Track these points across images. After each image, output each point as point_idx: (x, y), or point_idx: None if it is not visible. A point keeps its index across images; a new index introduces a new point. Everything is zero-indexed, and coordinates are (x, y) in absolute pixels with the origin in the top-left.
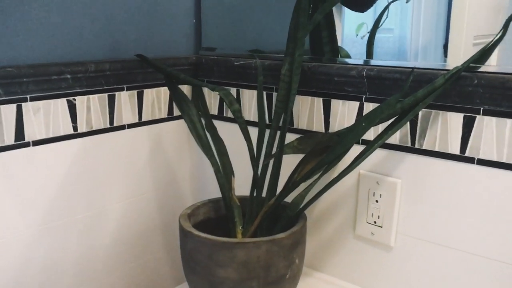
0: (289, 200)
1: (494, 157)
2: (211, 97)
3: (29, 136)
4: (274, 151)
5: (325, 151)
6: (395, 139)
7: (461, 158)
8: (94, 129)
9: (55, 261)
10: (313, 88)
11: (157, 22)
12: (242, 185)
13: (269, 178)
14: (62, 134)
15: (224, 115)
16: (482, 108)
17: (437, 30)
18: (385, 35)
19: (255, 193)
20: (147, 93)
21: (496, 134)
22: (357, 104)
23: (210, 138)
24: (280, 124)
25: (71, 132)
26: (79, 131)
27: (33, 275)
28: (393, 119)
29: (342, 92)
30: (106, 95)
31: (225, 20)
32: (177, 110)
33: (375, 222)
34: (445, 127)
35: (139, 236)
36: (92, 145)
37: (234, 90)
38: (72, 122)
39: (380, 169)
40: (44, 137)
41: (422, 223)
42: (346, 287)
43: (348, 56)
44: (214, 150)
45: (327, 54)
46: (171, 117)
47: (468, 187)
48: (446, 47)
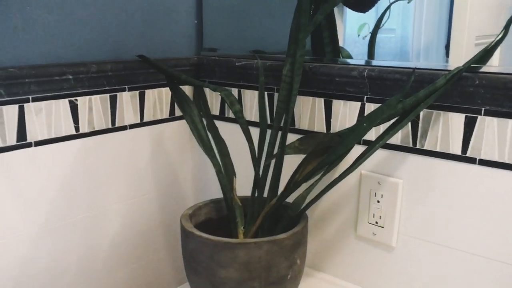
0: (291, 200)
1: (496, 158)
2: (213, 97)
3: (31, 137)
4: (275, 151)
5: (326, 151)
6: (396, 139)
7: (462, 158)
8: (96, 129)
9: (56, 261)
10: (314, 88)
11: (159, 22)
12: (243, 186)
13: (271, 179)
14: (64, 134)
15: (226, 115)
16: (483, 109)
17: (439, 30)
18: (387, 35)
19: (256, 193)
20: (149, 93)
21: (498, 135)
22: (358, 104)
23: (211, 139)
24: (282, 125)
25: (73, 132)
26: (81, 131)
27: (34, 276)
28: (394, 119)
29: (343, 92)
30: (108, 95)
31: (226, 21)
32: (179, 111)
33: (376, 223)
34: (447, 128)
35: (140, 237)
36: (94, 146)
37: (236, 90)
38: (74, 123)
39: (382, 170)
40: (46, 137)
41: (424, 223)
42: (348, 287)
43: (349, 57)
44: (215, 150)
45: (328, 54)
46: (172, 117)
47: (469, 188)
48: (448, 47)
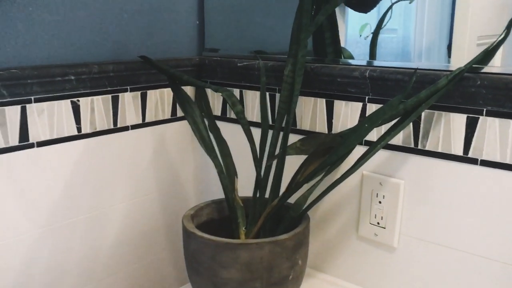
0: (292, 201)
1: (498, 158)
2: (214, 98)
3: (33, 137)
4: (277, 152)
5: (328, 152)
6: (398, 140)
7: (464, 159)
8: (98, 130)
9: (58, 261)
10: (316, 89)
11: (160, 23)
12: (245, 186)
13: (272, 179)
14: (66, 135)
15: (227, 116)
16: (485, 109)
17: (440, 30)
18: (388, 36)
19: (258, 194)
20: (151, 94)
21: (500, 135)
22: (360, 105)
23: (213, 139)
24: (283, 125)
25: (75, 133)
26: (83, 132)
27: (36, 276)
28: (396, 120)
29: (345, 93)
30: (109, 96)
31: (228, 21)
32: (181, 111)
33: (378, 223)
34: (448, 128)
35: (142, 237)
36: (96, 146)
37: (237, 91)
38: (76, 123)
39: (383, 170)
40: (48, 138)
41: (425, 224)
42: None
43: (351, 57)
44: (217, 151)
45: (330, 55)
46: (174, 118)
47: (471, 188)
48: (450, 47)
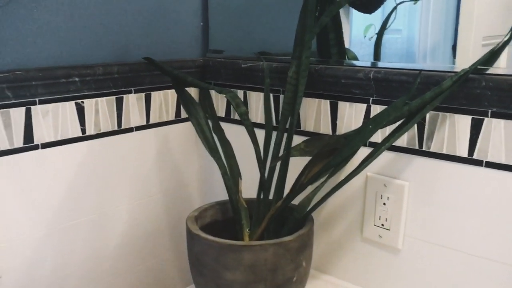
0: (296, 202)
1: (503, 160)
2: (218, 99)
3: (38, 139)
4: (281, 153)
5: (332, 153)
6: (402, 141)
7: (469, 160)
8: (102, 131)
9: (62, 263)
10: (320, 90)
11: (164, 24)
12: (249, 188)
13: (276, 181)
14: (70, 136)
15: (231, 117)
16: (490, 111)
17: (445, 31)
18: (393, 36)
19: (262, 195)
20: (155, 95)
21: (505, 137)
22: (364, 106)
23: (217, 141)
24: (287, 127)
25: (80, 134)
26: (88, 133)
27: (40, 277)
28: (400, 121)
29: (349, 94)
30: (114, 98)
31: (232, 23)
32: (185, 113)
33: (382, 225)
34: (453, 130)
35: (146, 238)
36: (100, 148)
37: (241, 92)
38: (81, 125)
39: (388, 172)
40: (52, 139)
41: (430, 225)
42: None
43: (355, 58)
44: (221, 152)
45: (334, 56)
46: (178, 119)
47: (476, 190)
48: (455, 48)
